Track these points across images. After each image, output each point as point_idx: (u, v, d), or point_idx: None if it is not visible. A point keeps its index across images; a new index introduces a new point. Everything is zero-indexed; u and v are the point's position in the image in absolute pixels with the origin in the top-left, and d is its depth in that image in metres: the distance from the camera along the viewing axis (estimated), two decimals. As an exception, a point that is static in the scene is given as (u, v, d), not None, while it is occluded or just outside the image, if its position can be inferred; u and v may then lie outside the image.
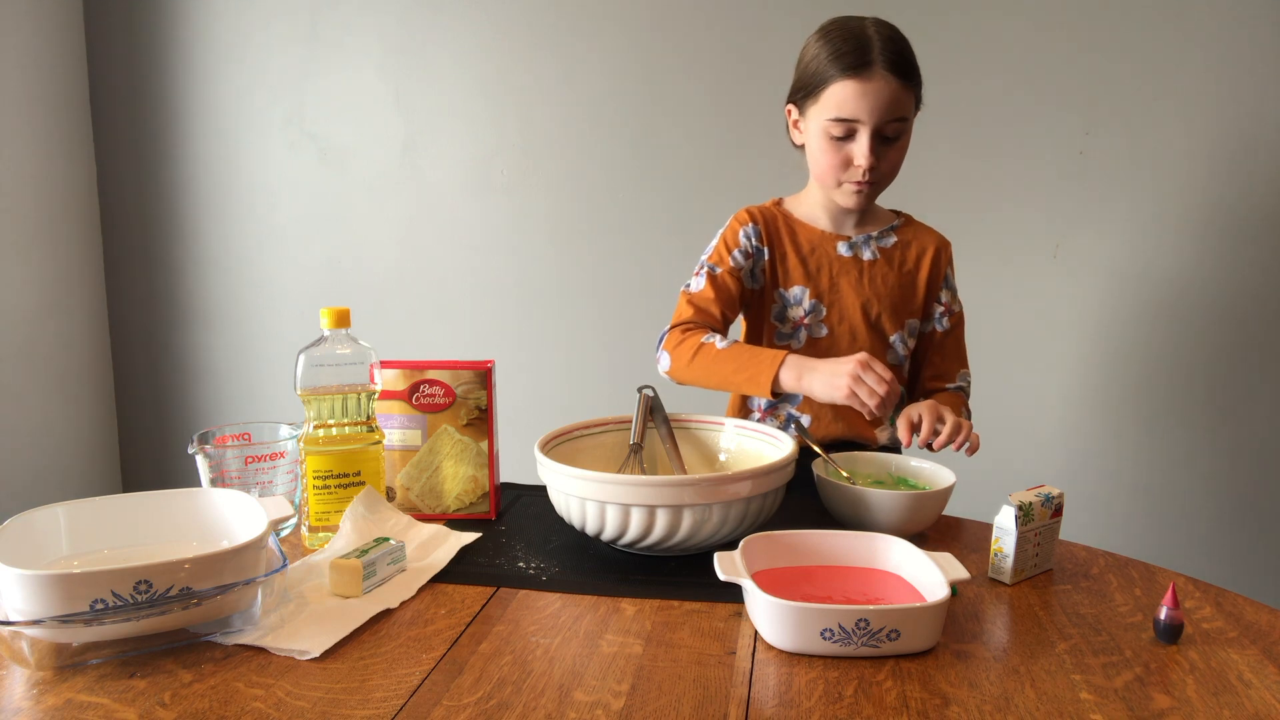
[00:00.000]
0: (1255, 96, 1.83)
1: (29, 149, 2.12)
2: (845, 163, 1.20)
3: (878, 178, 1.21)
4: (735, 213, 1.34)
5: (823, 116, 1.19)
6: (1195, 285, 1.92)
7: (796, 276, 1.30)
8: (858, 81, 1.15)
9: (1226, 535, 1.98)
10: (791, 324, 1.31)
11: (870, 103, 1.16)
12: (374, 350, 1.05)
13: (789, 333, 1.31)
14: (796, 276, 1.30)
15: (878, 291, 1.30)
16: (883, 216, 1.35)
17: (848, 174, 1.21)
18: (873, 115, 1.16)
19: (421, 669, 0.77)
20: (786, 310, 1.31)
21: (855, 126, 1.18)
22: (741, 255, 1.29)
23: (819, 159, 1.23)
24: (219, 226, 2.28)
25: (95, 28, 2.24)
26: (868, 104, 1.16)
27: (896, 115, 1.17)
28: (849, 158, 1.20)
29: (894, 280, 1.31)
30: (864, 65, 1.15)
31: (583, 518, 0.98)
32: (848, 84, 1.16)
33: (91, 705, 0.71)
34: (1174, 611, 0.82)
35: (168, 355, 2.36)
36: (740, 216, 1.32)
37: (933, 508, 1.05)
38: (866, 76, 1.15)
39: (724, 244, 1.31)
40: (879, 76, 1.15)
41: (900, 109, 1.18)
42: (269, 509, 0.89)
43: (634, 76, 2.05)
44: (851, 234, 1.31)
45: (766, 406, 1.35)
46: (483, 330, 2.20)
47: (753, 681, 0.75)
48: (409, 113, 2.15)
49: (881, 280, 1.30)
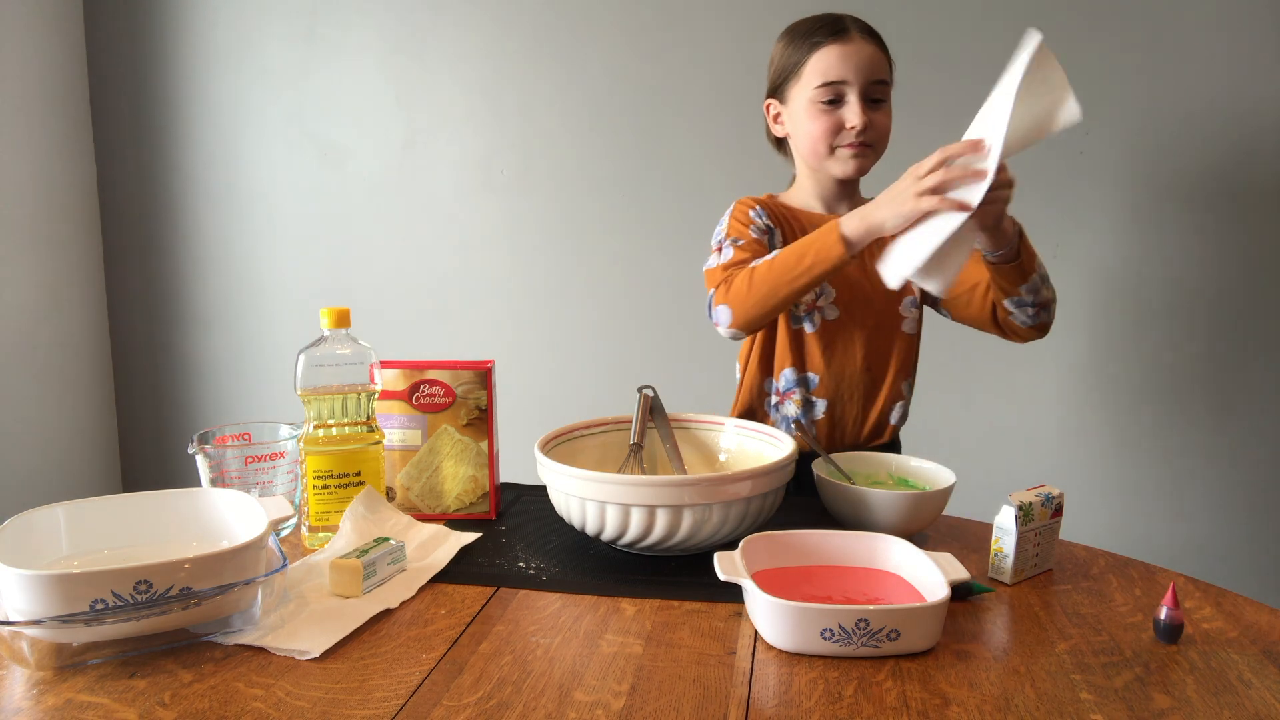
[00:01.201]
0: (1255, 96, 1.83)
1: (29, 149, 2.12)
2: (837, 127, 1.22)
3: (873, 138, 1.22)
4: (735, 202, 1.32)
5: (809, 87, 1.22)
6: (1195, 285, 1.92)
7: None
8: (839, 44, 1.20)
9: (1226, 535, 1.98)
10: (805, 307, 1.31)
11: (854, 62, 1.20)
12: (374, 350, 1.05)
13: (802, 315, 1.31)
14: None
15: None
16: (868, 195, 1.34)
17: (841, 138, 1.22)
18: (859, 74, 1.20)
19: (421, 669, 0.77)
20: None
21: (843, 89, 1.21)
22: (759, 230, 1.26)
23: (810, 130, 1.23)
24: (219, 226, 2.28)
25: (95, 27, 2.24)
26: (852, 64, 1.20)
27: (879, 77, 1.21)
28: (840, 121, 1.21)
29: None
30: (841, 31, 1.21)
31: (583, 518, 0.98)
32: (830, 49, 1.20)
33: (91, 705, 0.71)
34: (1174, 611, 0.82)
35: (168, 355, 2.36)
36: (744, 201, 1.31)
37: (933, 508, 1.05)
38: (846, 40, 1.20)
39: (736, 222, 1.28)
40: (857, 39, 1.21)
41: (881, 71, 1.22)
42: (269, 509, 0.89)
43: (634, 76, 2.05)
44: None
45: (785, 389, 1.32)
46: (483, 330, 2.20)
47: (753, 681, 0.75)
48: (409, 112, 2.15)
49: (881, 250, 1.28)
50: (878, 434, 1.35)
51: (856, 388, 1.31)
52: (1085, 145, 1.91)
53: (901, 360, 1.33)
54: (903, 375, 1.34)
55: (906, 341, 1.34)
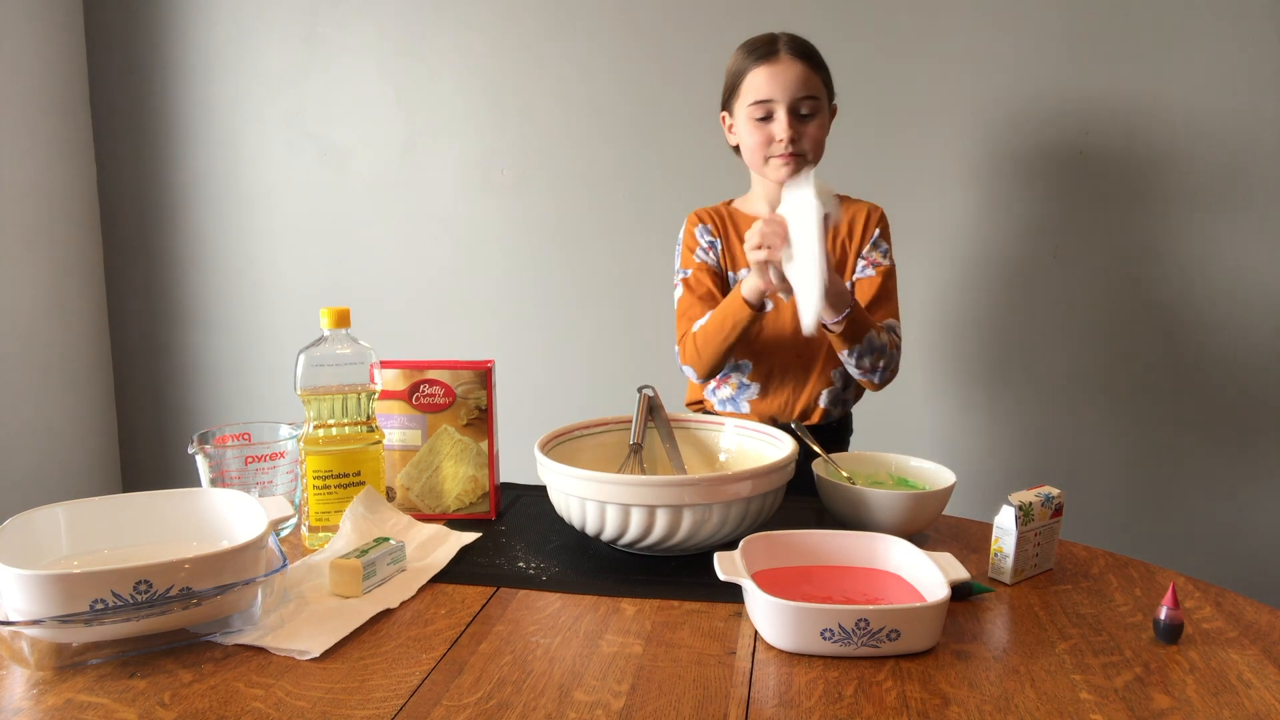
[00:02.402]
0: (1255, 96, 1.83)
1: (29, 149, 2.12)
2: (768, 139, 1.36)
3: (800, 150, 1.36)
4: (689, 214, 1.50)
5: (745, 104, 1.37)
6: (1195, 285, 1.92)
7: (743, 259, 1.42)
8: (768, 66, 1.35)
9: (1226, 535, 1.98)
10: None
11: (781, 81, 1.33)
12: (374, 350, 1.05)
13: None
14: (743, 259, 1.42)
15: None
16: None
17: (772, 148, 1.36)
18: (785, 92, 1.33)
19: (421, 669, 0.77)
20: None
21: (772, 106, 1.34)
22: (703, 251, 1.46)
23: (747, 143, 1.39)
24: (219, 226, 2.28)
25: (95, 28, 2.24)
26: (779, 83, 1.34)
27: (807, 94, 1.34)
28: (771, 135, 1.35)
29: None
30: (771, 53, 1.35)
31: (583, 518, 0.98)
32: (760, 70, 1.35)
33: (91, 705, 0.71)
34: (1174, 611, 0.82)
35: (168, 355, 2.36)
36: (690, 219, 1.49)
37: (933, 507, 1.05)
38: (774, 61, 1.35)
39: (686, 249, 1.48)
40: (784, 60, 1.34)
41: (809, 88, 1.34)
42: (269, 509, 0.89)
43: (635, 76, 2.05)
44: None
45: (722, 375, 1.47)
46: (483, 330, 2.20)
47: (753, 681, 0.75)
48: (409, 112, 2.15)
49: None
50: (805, 416, 1.47)
51: (786, 373, 1.45)
52: (1085, 145, 1.91)
53: (828, 348, 1.41)
54: (831, 362, 1.44)
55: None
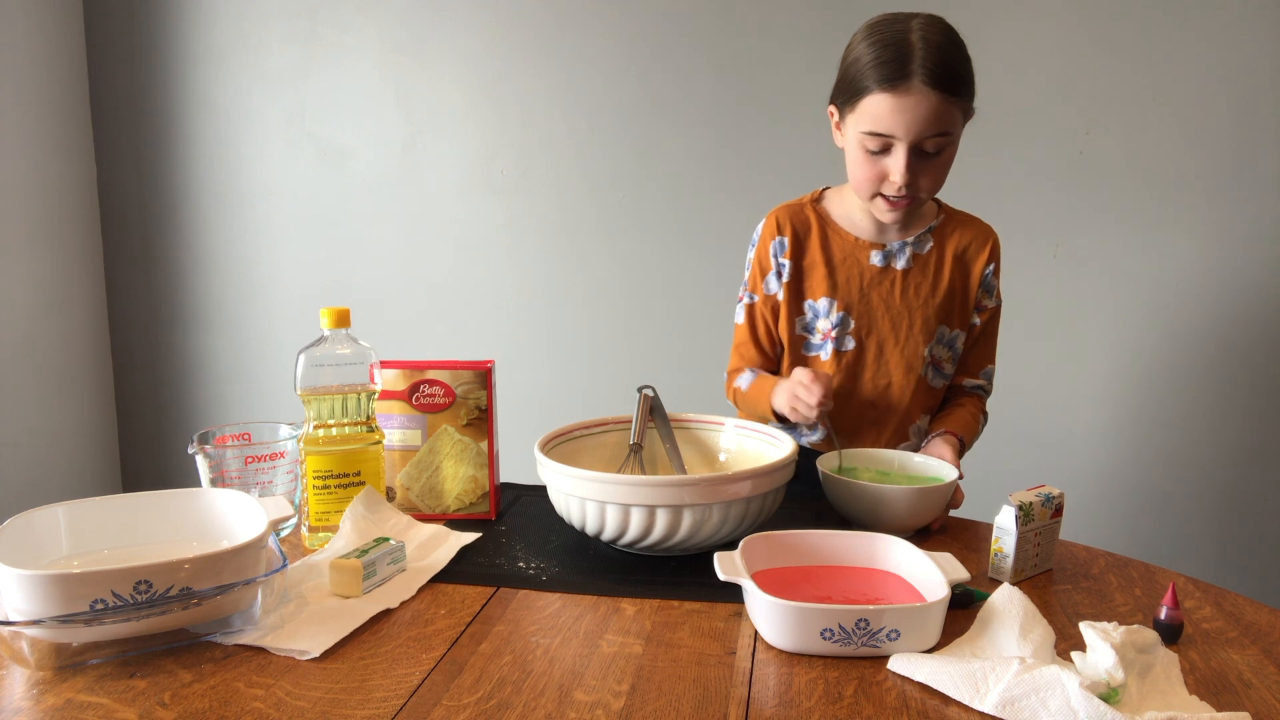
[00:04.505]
0: (1255, 96, 1.83)
1: (29, 149, 2.12)
2: (880, 177, 1.15)
3: (915, 194, 1.15)
4: (768, 214, 1.30)
5: (858, 128, 1.14)
6: (1195, 285, 1.92)
7: (823, 288, 1.26)
8: (894, 96, 1.09)
9: (1226, 535, 1.98)
10: (820, 335, 1.28)
11: (907, 118, 1.09)
12: (374, 350, 1.05)
13: (818, 344, 1.28)
14: (823, 288, 1.26)
15: (909, 304, 1.25)
16: (924, 213, 1.28)
17: (884, 187, 1.16)
18: (909, 131, 1.10)
19: (421, 669, 0.77)
20: (815, 321, 1.28)
21: (891, 142, 1.12)
22: (774, 277, 1.29)
23: (855, 171, 1.18)
24: (219, 226, 2.28)
25: (95, 27, 2.24)
26: (904, 119, 1.09)
27: (938, 130, 1.11)
28: (884, 172, 1.14)
29: (927, 290, 1.25)
30: (902, 78, 1.08)
31: (583, 518, 0.98)
32: (883, 98, 1.10)
33: (91, 705, 0.71)
34: (1174, 611, 0.83)
35: (168, 355, 2.36)
36: (769, 226, 1.29)
37: (937, 502, 1.05)
38: (904, 90, 1.08)
39: (756, 266, 1.31)
40: (916, 90, 1.08)
41: (942, 123, 1.11)
42: (269, 509, 0.88)
43: (634, 76, 2.05)
44: (888, 240, 1.26)
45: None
46: (483, 330, 2.20)
47: (753, 681, 0.75)
48: (409, 112, 2.15)
49: (914, 291, 1.25)
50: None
51: (857, 430, 1.28)
52: (1085, 145, 1.91)
53: (910, 404, 1.28)
54: (910, 419, 1.29)
55: (921, 387, 1.28)
